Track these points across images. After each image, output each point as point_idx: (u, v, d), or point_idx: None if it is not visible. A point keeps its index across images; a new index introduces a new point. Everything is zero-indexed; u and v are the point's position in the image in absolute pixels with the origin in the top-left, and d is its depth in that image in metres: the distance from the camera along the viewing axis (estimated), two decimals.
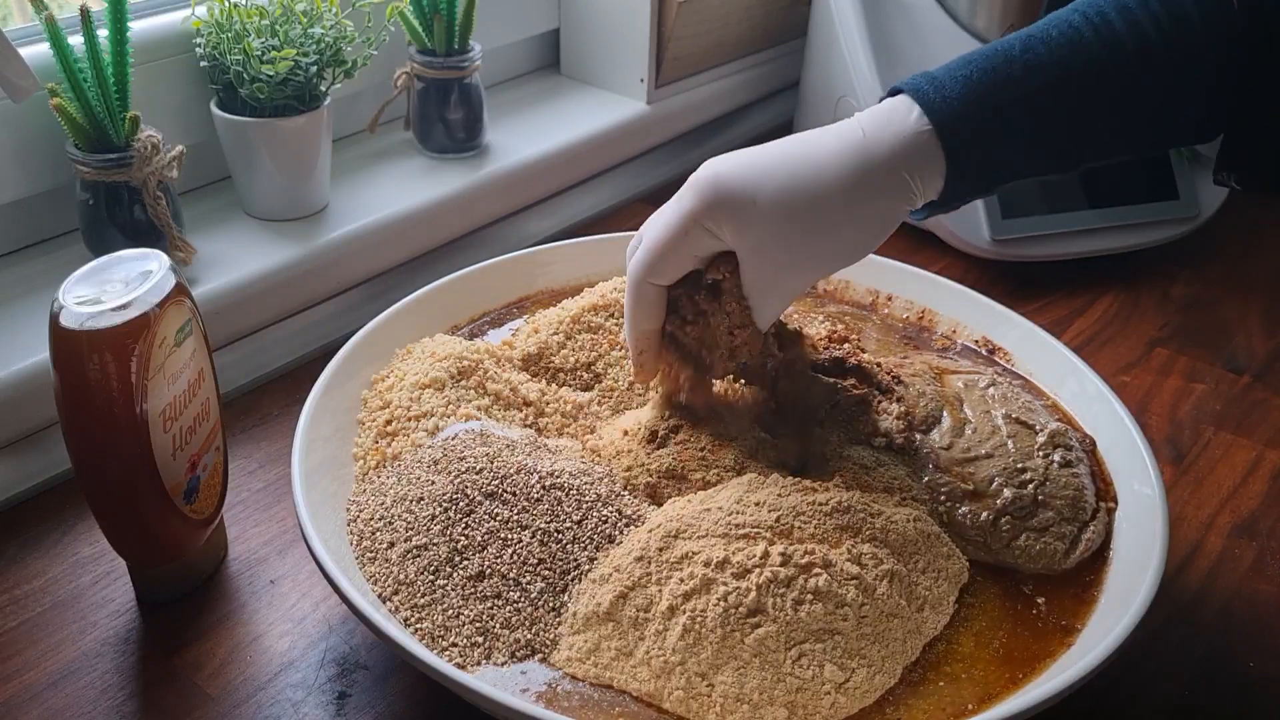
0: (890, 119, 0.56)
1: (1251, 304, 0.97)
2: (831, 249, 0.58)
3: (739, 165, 0.57)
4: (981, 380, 0.73)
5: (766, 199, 0.56)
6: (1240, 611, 0.66)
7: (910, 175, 0.56)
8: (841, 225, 0.57)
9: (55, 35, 0.70)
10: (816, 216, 0.56)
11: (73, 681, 0.58)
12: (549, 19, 1.12)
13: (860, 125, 0.57)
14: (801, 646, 0.54)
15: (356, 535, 0.60)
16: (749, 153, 0.59)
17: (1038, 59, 0.55)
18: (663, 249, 0.59)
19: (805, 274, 0.59)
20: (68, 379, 0.54)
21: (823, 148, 0.57)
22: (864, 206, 0.56)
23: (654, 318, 0.62)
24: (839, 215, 0.56)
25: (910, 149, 0.55)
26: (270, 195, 0.85)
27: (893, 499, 0.62)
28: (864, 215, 0.57)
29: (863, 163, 0.56)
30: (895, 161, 0.55)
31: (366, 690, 0.59)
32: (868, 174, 0.56)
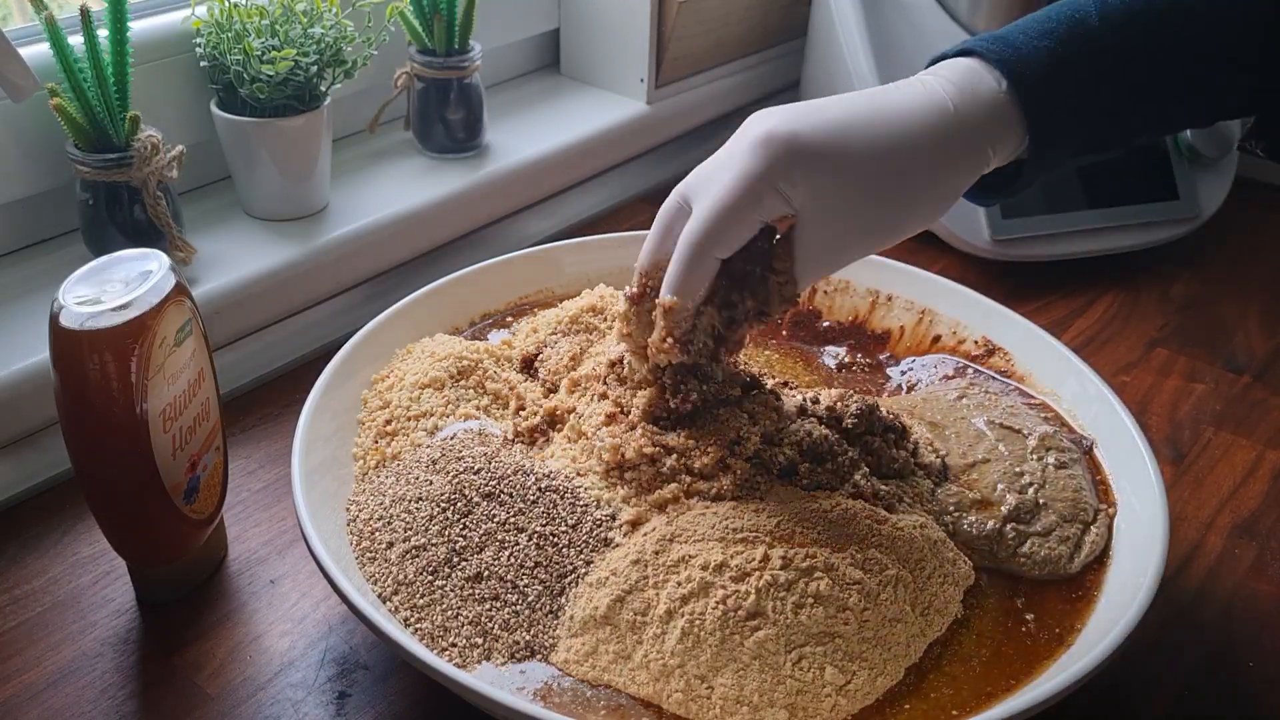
0: (977, 91, 0.53)
1: (1251, 304, 0.97)
2: (906, 220, 0.55)
3: (816, 123, 0.53)
4: (949, 394, 0.73)
5: (853, 164, 0.52)
6: (1240, 611, 0.66)
7: (992, 150, 0.54)
8: (922, 196, 0.54)
9: (55, 35, 0.70)
10: (903, 186, 0.53)
11: (73, 681, 0.58)
12: (549, 19, 1.12)
13: (948, 98, 0.53)
14: (802, 649, 0.54)
15: (356, 535, 0.60)
16: (816, 109, 0.54)
17: (1116, 30, 0.53)
18: (730, 215, 0.53)
19: (872, 244, 0.56)
20: (68, 379, 0.54)
21: (910, 115, 0.53)
22: (948, 180, 0.54)
23: (703, 289, 0.56)
24: (924, 186, 0.54)
25: (997, 124, 0.54)
26: (270, 195, 0.85)
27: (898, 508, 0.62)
28: (945, 188, 0.55)
29: (953, 135, 0.53)
30: (982, 136, 0.54)
31: (366, 690, 0.59)
32: (956, 147, 0.54)
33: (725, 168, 0.54)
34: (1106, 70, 0.54)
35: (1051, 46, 0.53)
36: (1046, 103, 0.54)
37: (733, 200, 0.53)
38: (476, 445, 0.64)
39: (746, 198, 0.53)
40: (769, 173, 0.52)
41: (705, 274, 0.55)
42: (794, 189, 0.53)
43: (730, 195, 0.53)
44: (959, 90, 0.54)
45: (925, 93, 0.54)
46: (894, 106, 0.54)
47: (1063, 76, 0.53)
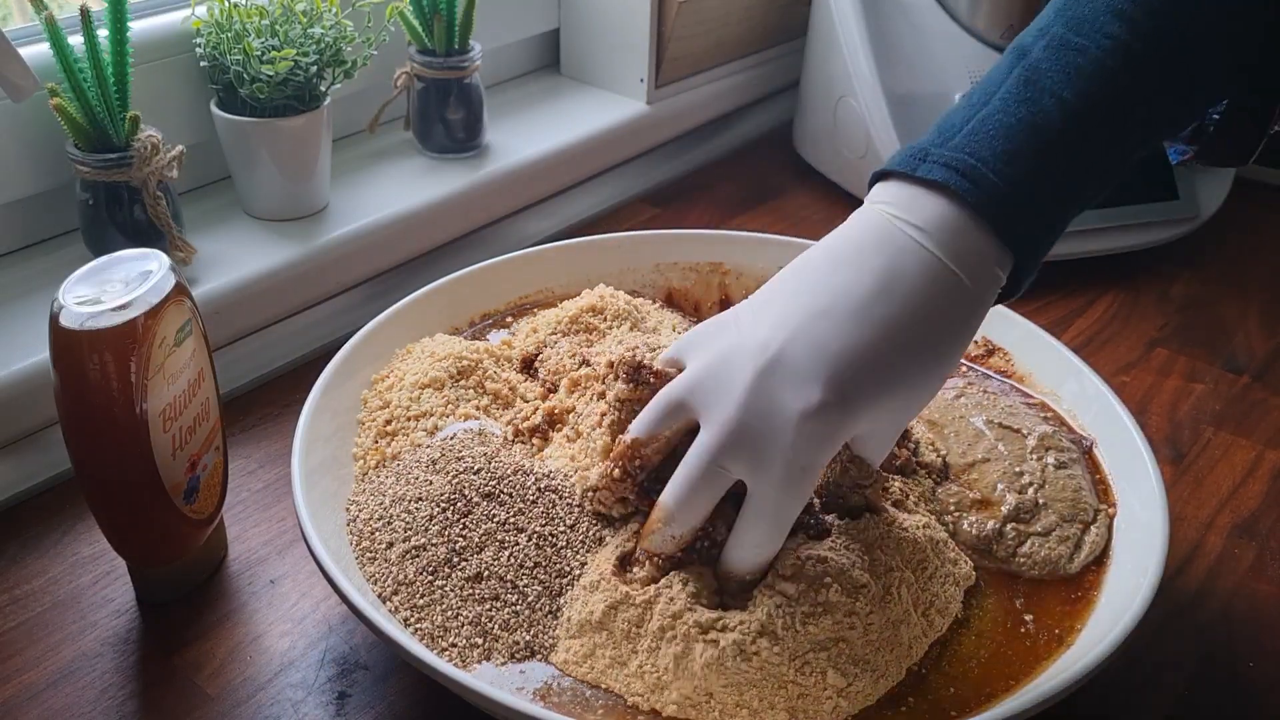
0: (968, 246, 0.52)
1: (1251, 304, 0.97)
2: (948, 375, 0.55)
3: (851, 381, 0.51)
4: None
5: (902, 387, 0.52)
6: (1240, 611, 0.66)
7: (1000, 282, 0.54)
8: (958, 357, 0.55)
9: (55, 35, 0.70)
10: (945, 369, 0.54)
11: (73, 681, 0.58)
12: (549, 19, 1.12)
13: (955, 268, 0.51)
14: (805, 656, 0.54)
15: (356, 535, 0.60)
16: (842, 349, 0.51)
17: (1073, 126, 0.52)
18: (805, 497, 0.53)
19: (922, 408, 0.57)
20: (68, 379, 0.54)
21: (931, 314, 0.51)
22: (974, 327, 0.54)
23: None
24: (960, 351, 0.54)
25: (999, 271, 0.53)
26: (270, 195, 0.85)
27: (901, 508, 0.61)
28: (973, 332, 0.55)
29: (971, 306, 0.53)
30: (992, 283, 0.53)
31: (366, 690, 0.59)
32: (977, 309, 0.53)
33: (777, 443, 0.51)
34: (1079, 173, 0.53)
35: (1024, 174, 0.52)
36: (1031, 245, 0.53)
37: (802, 476, 0.52)
38: (476, 445, 0.64)
39: (816, 470, 0.52)
40: (830, 445, 0.52)
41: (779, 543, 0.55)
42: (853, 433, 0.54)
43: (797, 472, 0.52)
44: (960, 254, 0.52)
45: (935, 278, 0.51)
46: (914, 314, 0.51)
47: (1042, 207, 0.53)
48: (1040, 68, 0.53)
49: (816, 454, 0.51)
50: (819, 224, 1.06)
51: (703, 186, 1.15)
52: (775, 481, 0.52)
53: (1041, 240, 0.54)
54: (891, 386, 0.52)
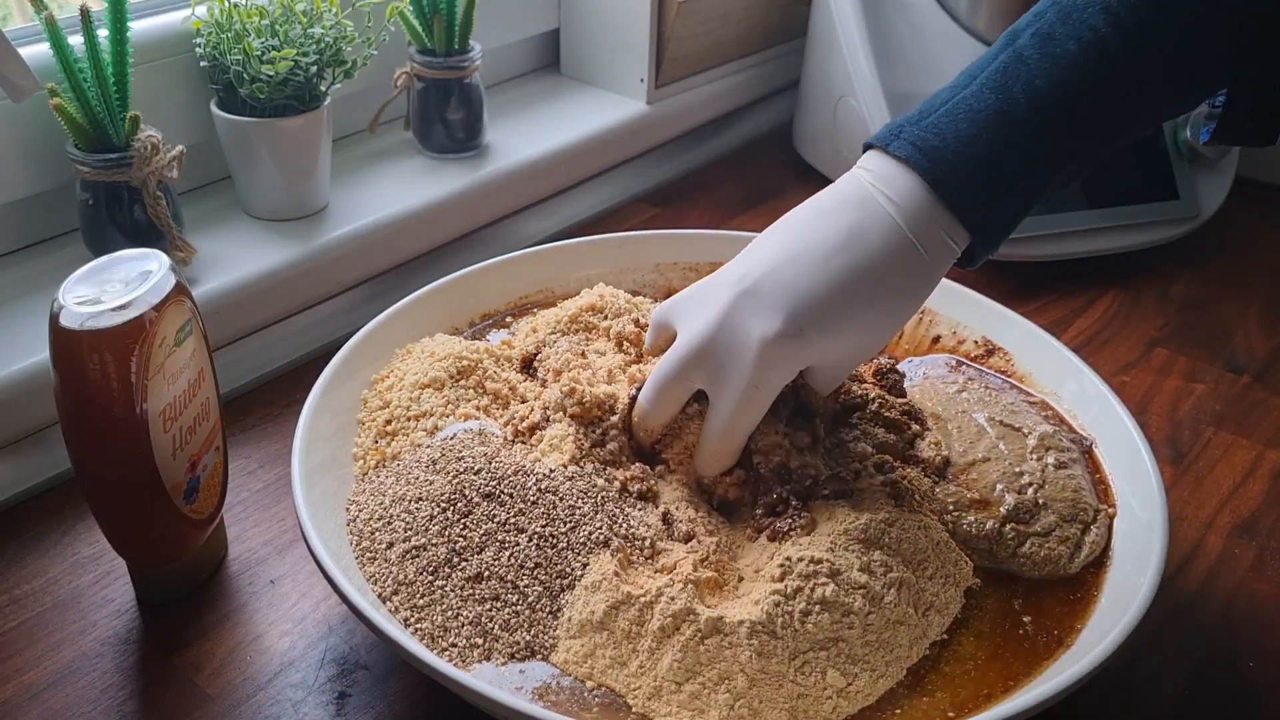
0: (927, 217, 0.57)
1: (1251, 304, 0.97)
2: (896, 330, 0.61)
3: (809, 314, 0.57)
4: (949, 387, 0.73)
5: (853, 330, 0.58)
6: (1240, 611, 0.66)
7: (954, 254, 0.58)
8: (909, 315, 0.60)
9: (55, 35, 0.70)
10: (899, 319, 0.60)
11: (73, 681, 0.58)
12: (549, 19, 1.12)
13: (905, 228, 0.57)
14: (805, 655, 0.54)
15: (356, 535, 0.60)
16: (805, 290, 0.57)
17: (1041, 114, 0.55)
18: (755, 409, 0.59)
19: (870, 355, 0.62)
20: (68, 379, 0.54)
21: (886, 269, 0.57)
22: (925, 292, 0.59)
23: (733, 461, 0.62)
24: (909, 314, 0.60)
25: (953, 239, 0.57)
26: (270, 195, 0.85)
27: (903, 507, 0.61)
28: (924, 297, 0.60)
29: (925, 270, 0.58)
30: (947, 254, 0.58)
31: (366, 690, 0.59)
32: (931, 275, 0.58)
33: (737, 367, 0.58)
34: (1041, 158, 0.56)
35: (984, 155, 0.56)
36: (987, 220, 0.57)
37: (755, 399, 0.59)
38: (476, 445, 0.64)
39: (766, 394, 0.59)
40: (783, 371, 0.58)
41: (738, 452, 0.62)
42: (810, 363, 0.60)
43: (751, 395, 0.58)
44: (919, 224, 0.57)
45: (893, 239, 0.57)
46: (872, 266, 0.57)
47: (999, 187, 0.56)
48: (1022, 55, 0.56)
49: (770, 376, 0.58)
50: None
51: (703, 186, 1.15)
52: (731, 396, 0.59)
53: (997, 219, 0.58)
54: (841, 328, 0.58)
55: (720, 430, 0.60)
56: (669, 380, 0.61)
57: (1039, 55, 0.55)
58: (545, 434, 0.65)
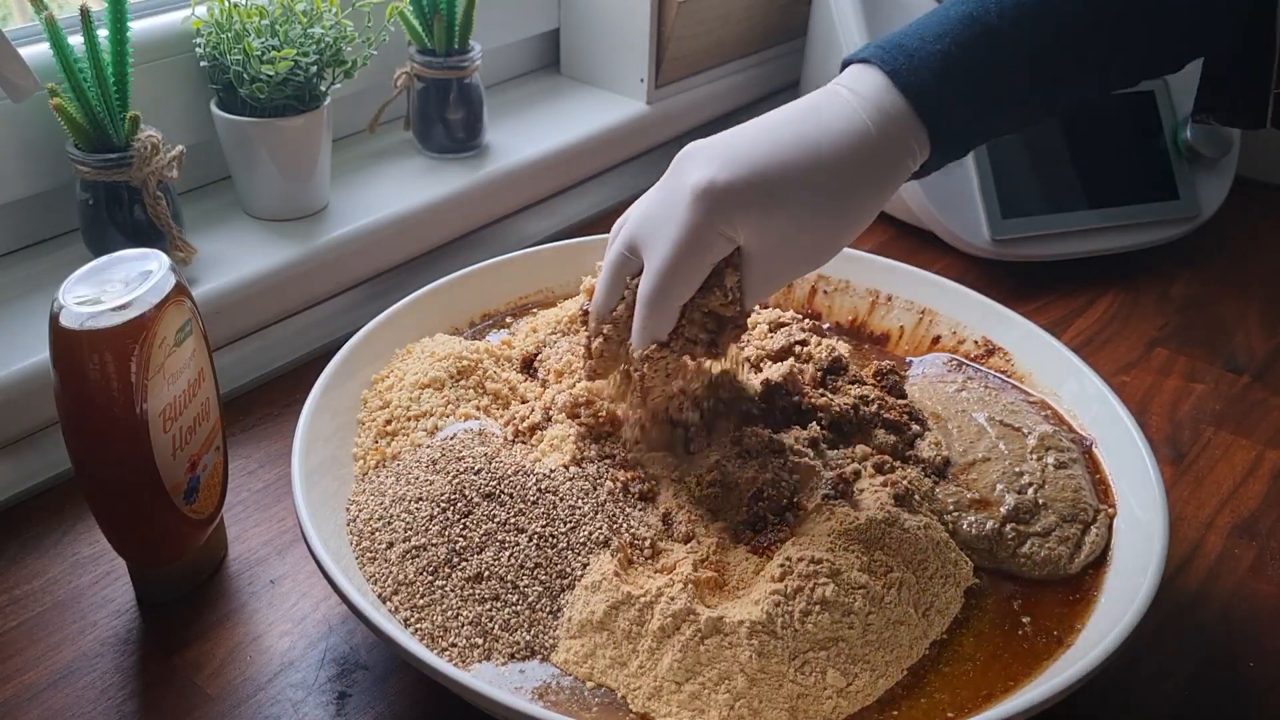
0: (881, 103, 0.56)
1: (1251, 304, 0.97)
2: (843, 237, 0.58)
3: (751, 167, 0.55)
4: (949, 386, 0.73)
5: (789, 202, 0.55)
6: (1240, 611, 0.66)
7: (910, 156, 0.57)
8: (855, 215, 0.57)
9: (55, 35, 0.70)
10: (837, 210, 0.56)
11: (73, 681, 0.58)
12: (549, 19, 1.12)
13: (861, 114, 0.56)
14: (805, 655, 0.54)
15: (356, 535, 0.60)
16: (742, 144, 0.56)
17: (1012, 25, 0.55)
18: (683, 269, 0.57)
19: (813, 263, 0.59)
20: (68, 379, 0.54)
21: (836, 144, 0.55)
22: (876, 195, 0.57)
23: (666, 332, 0.60)
24: (855, 207, 0.57)
25: (905, 134, 0.56)
26: (270, 195, 0.85)
27: (903, 508, 0.61)
28: (874, 202, 0.57)
29: (874, 154, 0.56)
30: (898, 150, 0.56)
31: (366, 690, 0.59)
32: (881, 168, 0.56)
33: (669, 220, 0.56)
34: (1004, 65, 0.56)
35: (946, 50, 0.55)
36: (941, 112, 0.56)
37: (684, 254, 0.56)
38: (477, 445, 0.64)
39: (696, 251, 0.56)
40: (712, 222, 0.55)
41: (669, 321, 0.59)
42: (736, 231, 0.56)
43: (681, 250, 0.56)
44: (874, 109, 0.56)
45: (846, 116, 0.56)
46: (820, 137, 0.56)
47: (958, 82, 0.55)
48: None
49: (699, 225, 0.55)
50: None
51: None
52: (661, 252, 0.57)
53: (956, 120, 0.56)
54: (783, 198, 0.55)
55: (651, 292, 0.57)
56: (613, 259, 0.60)
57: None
58: (546, 434, 0.65)
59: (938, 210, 0.97)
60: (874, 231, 1.04)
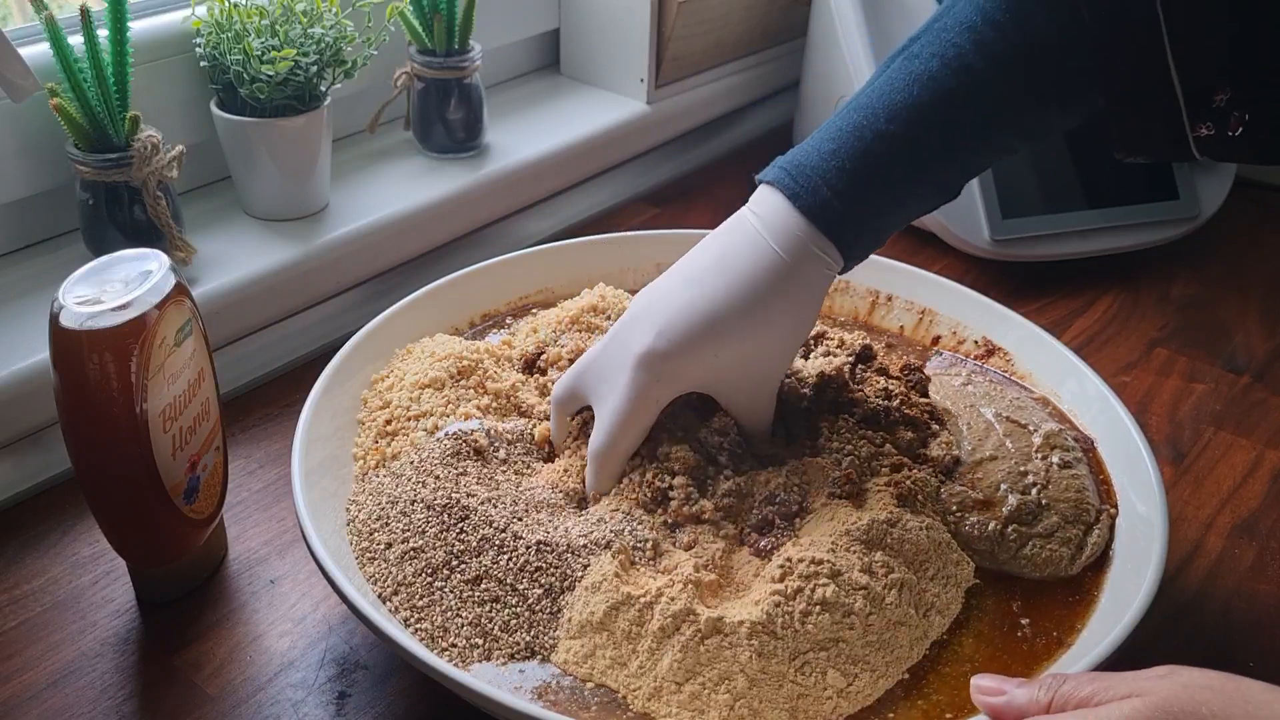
0: (788, 228, 0.60)
1: (1251, 304, 0.97)
2: (791, 346, 0.63)
3: (681, 330, 0.59)
4: (956, 379, 0.73)
5: (727, 345, 0.60)
6: (1240, 611, 0.66)
7: (827, 264, 0.61)
8: (798, 324, 0.62)
9: (55, 35, 0.70)
10: (772, 333, 0.61)
11: (73, 681, 0.58)
12: (549, 19, 1.12)
13: (767, 237, 0.60)
14: (805, 656, 0.54)
15: (356, 535, 0.60)
16: (671, 305, 0.60)
17: (903, 128, 0.59)
18: (630, 424, 0.61)
19: (775, 375, 0.64)
20: (68, 379, 0.54)
21: (747, 273, 0.60)
22: (803, 300, 0.61)
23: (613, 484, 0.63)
24: (789, 323, 0.61)
25: (818, 248, 0.60)
26: (270, 195, 0.85)
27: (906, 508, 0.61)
28: (805, 308, 0.62)
29: (787, 272, 0.60)
30: (810, 260, 0.60)
31: (366, 690, 0.59)
32: (795, 279, 0.60)
33: (616, 381, 0.61)
34: (897, 167, 0.60)
35: (840, 165, 0.59)
36: (843, 225, 0.60)
37: (628, 413, 0.61)
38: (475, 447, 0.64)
39: (639, 410, 0.61)
40: (656, 383, 0.60)
41: (617, 471, 0.62)
42: (685, 386, 0.61)
43: (625, 409, 0.60)
44: (781, 234, 0.60)
45: (757, 250, 0.60)
46: (736, 279, 0.60)
47: (854, 194, 0.59)
48: (891, 76, 0.60)
49: (646, 390, 0.60)
50: None
51: (703, 186, 1.15)
52: (608, 411, 0.61)
53: (855, 226, 0.60)
54: (719, 342, 0.60)
55: (599, 448, 0.61)
56: (556, 400, 0.65)
57: (903, 74, 0.60)
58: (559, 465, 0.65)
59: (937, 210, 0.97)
60: None
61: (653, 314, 0.61)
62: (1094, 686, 0.44)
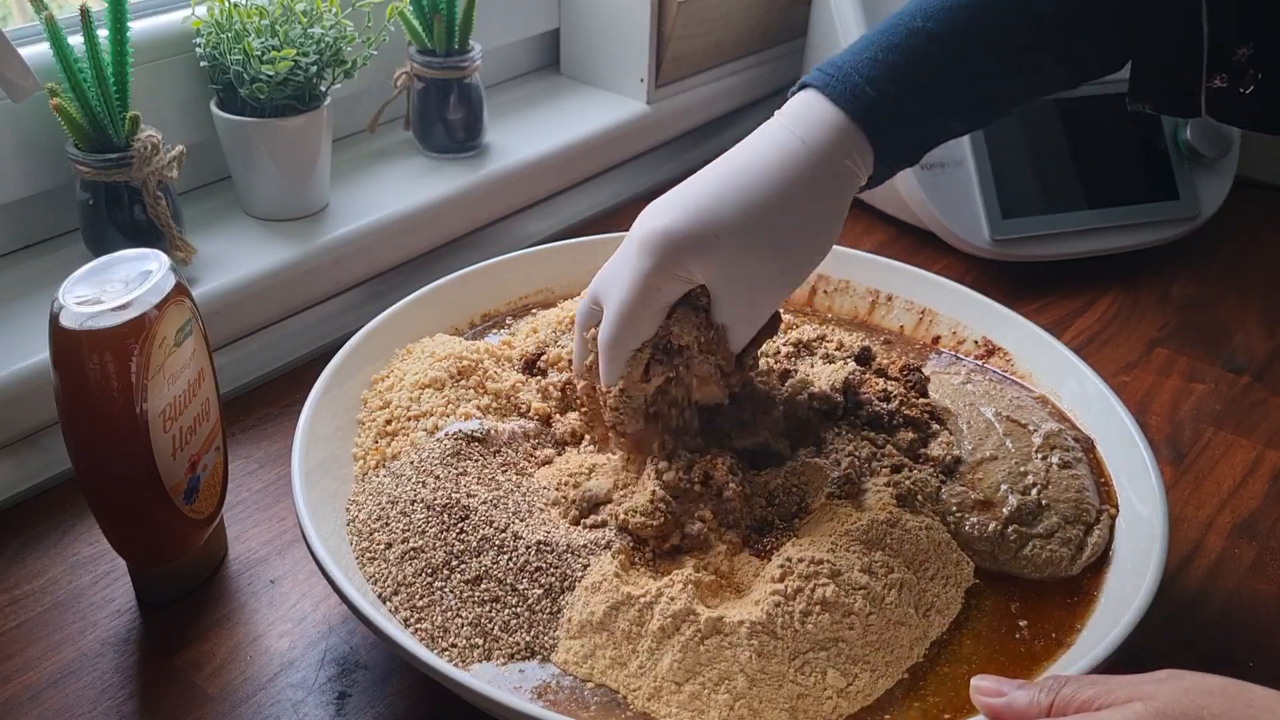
0: (814, 119, 0.57)
1: (1251, 304, 0.97)
2: (802, 255, 0.59)
3: (686, 209, 0.58)
4: (955, 378, 0.73)
5: (729, 231, 0.57)
6: (1240, 611, 0.66)
7: (852, 162, 0.58)
8: (804, 231, 0.58)
9: (55, 35, 0.70)
10: (781, 231, 0.58)
11: (73, 681, 0.58)
12: (549, 19, 1.12)
13: (794, 133, 0.58)
14: (805, 655, 0.54)
15: (356, 535, 0.60)
16: (686, 191, 0.59)
17: (939, 26, 0.57)
18: (634, 314, 0.59)
19: (782, 288, 0.61)
20: (68, 379, 0.54)
21: (766, 165, 0.58)
22: (820, 206, 0.58)
23: (634, 372, 0.61)
24: (801, 223, 0.58)
25: (844, 143, 0.57)
26: (270, 195, 0.85)
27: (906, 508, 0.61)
28: (822, 214, 0.59)
29: (809, 169, 0.57)
30: (836, 158, 0.58)
31: (366, 690, 0.59)
32: (817, 178, 0.57)
33: (623, 270, 0.59)
34: (934, 64, 0.58)
35: (873, 57, 0.57)
36: (876, 115, 0.57)
37: (632, 300, 0.58)
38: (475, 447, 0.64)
39: (644, 295, 0.58)
40: (659, 267, 0.57)
41: (624, 361, 0.60)
42: (692, 272, 0.58)
43: (630, 296, 0.58)
44: (802, 125, 0.58)
45: (778, 139, 0.58)
46: (753, 161, 0.58)
47: (889, 84, 0.57)
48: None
49: (645, 277, 0.58)
50: None
51: None
52: (615, 299, 0.59)
53: (889, 117, 0.58)
54: (724, 229, 0.57)
55: (608, 337, 0.60)
56: (579, 315, 0.63)
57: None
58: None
59: (938, 210, 0.97)
60: (874, 231, 1.04)
61: (668, 199, 0.59)
62: (1095, 690, 0.44)
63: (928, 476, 0.64)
